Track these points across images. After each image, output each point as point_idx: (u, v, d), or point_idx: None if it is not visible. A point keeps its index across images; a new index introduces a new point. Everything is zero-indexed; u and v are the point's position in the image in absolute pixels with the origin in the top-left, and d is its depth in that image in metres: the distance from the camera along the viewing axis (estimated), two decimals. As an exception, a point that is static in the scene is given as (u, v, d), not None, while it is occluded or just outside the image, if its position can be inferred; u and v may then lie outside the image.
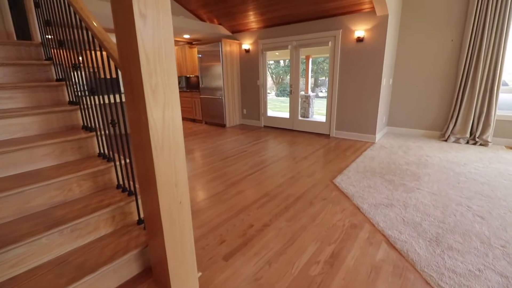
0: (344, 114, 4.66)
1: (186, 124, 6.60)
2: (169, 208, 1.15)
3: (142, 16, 0.92)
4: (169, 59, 1.03)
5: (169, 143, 1.08)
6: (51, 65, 2.09)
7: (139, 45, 0.92)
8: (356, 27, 4.23)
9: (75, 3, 1.50)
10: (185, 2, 5.19)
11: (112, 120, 1.49)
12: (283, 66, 19.23)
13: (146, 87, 0.97)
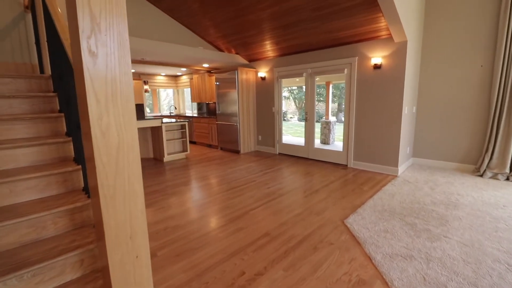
0: (363, 144, 4.35)
1: (202, 149, 6.63)
2: (121, 263, 1.00)
3: (91, 54, 0.84)
4: (126, 98, 0.94)
5: (123, 191, 0.96)
6: (55, 97, 2.16)
7: (86, 85, 0.85)
8: (372, 54, 4.05)
9: (64, 39, 1.53)
10: (205, 34, 5.43)
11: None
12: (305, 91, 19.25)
13: (95, 129, 0.88)
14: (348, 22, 3.77)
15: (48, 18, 1.99)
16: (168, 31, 5.15)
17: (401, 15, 3.28)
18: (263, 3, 3.86)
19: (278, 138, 5.77)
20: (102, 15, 0.86)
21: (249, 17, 4.32)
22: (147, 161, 5.41)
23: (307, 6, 3.65)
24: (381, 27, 3.73)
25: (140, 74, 7.92)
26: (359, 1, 3.31)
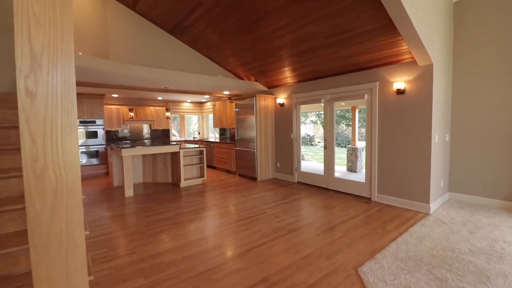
0: (388, 175, 3.93)
1: (220, 175, 6.58)
2: (53, 326, 0.87)
3: (29, 94, 0.80)
4: (68, 139, 0.87)
5: (59, 240, 0.86)
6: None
7: (21, 125, 0.79)
8: (394, 78, 3.78)
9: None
10: (225, 63, 5.61)
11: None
12: (334, 116, 18.77)
13: (27, 172, 0.81)
14: (366, 47, 3.60)
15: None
16: (190, 61, 5.41)
17: (424, 37, 3.03)
18: (277, 32, 3.88)
19: (297, 166, 5.51)
20: (45, 53, 0.82)
21: (265, 46, 4.37)
22: (165, 186, 5.47)
23: (321, 33, 3.58)
24: (402, 51, 3.49)
25: (167, 102, 8.36)
26: (374, 26, 3.16)
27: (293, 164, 5.57)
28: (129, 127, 7.81)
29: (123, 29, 4.58)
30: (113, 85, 5.13)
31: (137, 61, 4.76)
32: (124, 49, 4.62)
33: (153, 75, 4.52)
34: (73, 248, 0.90)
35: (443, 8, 3.56)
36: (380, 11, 2.93)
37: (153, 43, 4.94)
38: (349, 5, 2.97)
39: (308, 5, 3.16)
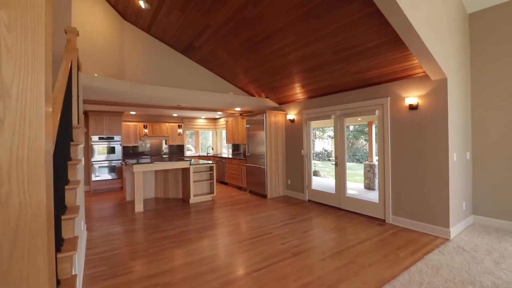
0: (403, 195, 3.68)
1: (231, 191, 6.53)
2: None
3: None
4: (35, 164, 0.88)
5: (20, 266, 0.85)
6: (68, 146, 2.34)
7: (-15, 152, 0.81)
8: (406, 93, 3.62)
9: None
10: (235, 80, 5.71)
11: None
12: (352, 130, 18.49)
13: (-11, 198, 0.81)
14: (374, 62, 3.51)
15: None
16: (202, 80, 5.57)
17: (435, 51, 2.90)
18: (283, 50, 3.91)
19: (307, 184, 5.35)
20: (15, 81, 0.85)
21: (273, 63, 4.40)
22: (175, 201, 5.50)
23: (327, 50, 3.55)
24: (413, 65, 3.36)
25: (182, 118, 8.60)
26: (381, 41, 3.08)
27: (304, 182, 5.41)
28: (145, 143, 8.08)
29: (138, 50, 4.84)
30: (128, 103, 5.37)
31: (151, 80, 4.98)
32: (139, 69, 4.86)
33: (166, 93, 4.69)
34: (35, 276, 0.89)
35: (456, 20, 3.42)
36: (385, 27, 2.87)
37: (166, 63, 5.16)
38: (352, 22, 2.94)
39: (312, 24, 3.16)
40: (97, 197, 6.07)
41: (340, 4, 2.76)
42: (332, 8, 2.85)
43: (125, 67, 4.69)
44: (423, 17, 2.68)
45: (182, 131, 8.56)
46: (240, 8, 3.32)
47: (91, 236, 3.56)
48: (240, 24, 3.64)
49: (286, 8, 3.06)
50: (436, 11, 2.94)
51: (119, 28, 4.58)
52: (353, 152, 18.79)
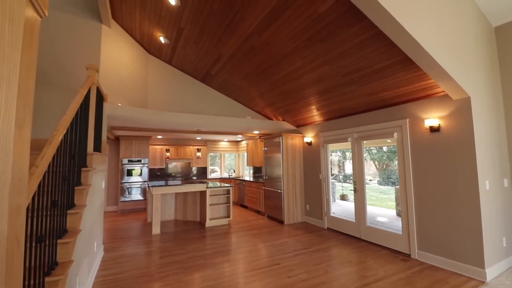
0: (429, 227, 3.28)
1: (248, 215, 6.41)
2: None
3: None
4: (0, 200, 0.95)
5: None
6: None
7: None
8: (426, 114, 3.35)
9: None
10: (252, 105, 5.83)
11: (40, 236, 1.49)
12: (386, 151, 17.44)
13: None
14: (387, 83, 3.34)
15: None
16: (220, 105, 5.78)
17: (451, 69, 2.68)
18: (293, 75, 3.93)
19: (326, 210, 5.05)
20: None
21: (285, 88, 4.43)
22: (192, 224, 5.54)
23: (336, 72, 3.49)
24: (430, 84, 3.13)
25: (206, 141, 8.90)
26: (390, 62, 2.94)
27: (323, 208, 5.12)
28: (171, 165, 8.44)
29: (161, 81, 5.23)
30: (152, 128, 5.73)
31: (173, 108, 5.30)
32: (162, 98, 5.22)
33: (184, 119, 4.92)
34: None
35: (480, 34, 3.16)
36: (392, 47, 2.75)
37: (187, 91, 5.48)
38: (356, 45, 2.87)
39: (317, 48, 3.16)
40: (123, 217, 6.37)
41: (342, 29, 2.74)
42: (334, 33, 2.83)
43: (148, 96, 5.08)
44: (434, 35, 2.52)
45: (206, 153, 8.81)
46: (247, 38, 3.46)
47: (106, 257, 3.69)
48: (249, 52, 3.78)
49: (290, 35, 3.11)
50: (451, 27, 2.76)
51: (144, 61, 5.03)
52: (387, 174, 17.55)
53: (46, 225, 1.69)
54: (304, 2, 2.57)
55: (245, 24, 3.19)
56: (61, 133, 1.81)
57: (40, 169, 1.47)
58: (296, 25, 2.90)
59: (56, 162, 1.90)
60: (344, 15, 2.56)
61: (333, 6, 2.49)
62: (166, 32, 4.03)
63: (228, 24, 3.31)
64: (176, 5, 3.26)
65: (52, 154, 1.64)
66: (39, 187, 1.49)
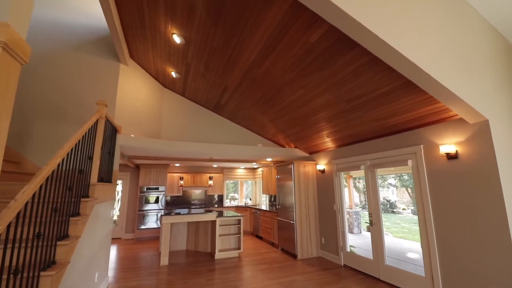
0: (455, 269, 2.83)
1: (261, 247, 6.11)
2: None
3: None
4: None
5: None
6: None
7: None
8: (441, 140, 3.07)
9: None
10: (263, 132, 5.83)
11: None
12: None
13: None
14: (394, 108, 3.16)
15: None
16: (232, 133, 5.87)
17: (462, 92, 2.46)
18: (296, 103, 3.90)
19: (342, 245, 4.64)
20: None
21: (290, 115, 4.40)
22: (203, 256, 5.39)
23: (339, 99, 3.40)
24: (443, 108, 2.89)
25: (223, 168, 8.96)
26: (393, 86, 2.80)
27: (338, 242, 4.72)
28: (188, 192, 8.53)
29: (175, 112, 5.49)
30: (166, 157, 5.91)
31: (186, 137, 5.48)
32: (176, 128, 5.44)
33: (195, 148, 5.03)
34: None
35: (496, 52, 2.92)
36: (392, 71, 2.63)
37: (200, 121, 5.67)
38: (353, 72, 2.80)
39: (315, 77, 3.13)
40: (138, 246, 6.41)
41: (336, 57, 2.70)
42: (329, 61, 2.80)
43: (162, 127, 5.33)
44: (438, 56, 2.32)
45: (222, 181, 8.82)
46: (248, 70, 3.55)
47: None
48: (252, 83, 3.86)
49: (287, 66, 3.14)
50: (460, 47, 2.55)
51: (160, 94, 5.36)
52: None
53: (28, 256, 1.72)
54: (295, 33, 2.61)
55: (244, 57, 3.30)
56: (51, 167, 1.91)
57: (19, 202, 1.53)
58: (291, 56, 2.93)
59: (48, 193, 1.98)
60: (335, 43, 2.54)
61: (324, 35, 2.49)
62: (176, 67, 4.31)
63: (229, 58, 3.44)
64: (181, 43, 3.50)
65: (35, 189, 1.71)
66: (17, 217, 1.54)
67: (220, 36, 3.08)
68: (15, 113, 3.70)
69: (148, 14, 3.14)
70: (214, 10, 2.71)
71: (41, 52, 4.01)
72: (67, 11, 4.33)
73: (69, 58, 4.13)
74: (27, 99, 3.80)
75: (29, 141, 3.74)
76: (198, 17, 2.90)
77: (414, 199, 16.71)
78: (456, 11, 2.59)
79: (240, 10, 2.57)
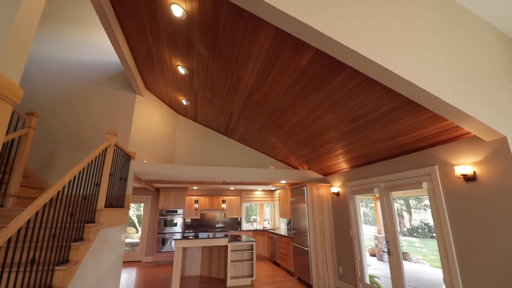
0: (487, 312, 2.42)
1: (277, 275, 5.81)
2: None
3: None
4: None
5: None
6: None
7: None
8: (456, 160, 2.79)
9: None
10: (274, 154, 5.78)
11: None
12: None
13: None
14: (401, 127, 2.97)
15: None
16: (243, 156, 5.90)
17: (473, 109, 2.23)
18: (301, 124, 3.85)
19: (360, 275, 4.25)
20: None
21: (297, 137, 4.33)
22: (215, 282, 5.25)
23: (341, 120, 3.29)
24: (454, 125, 2.66)
25: (240, 191, 8.93)
26: (393, 105, 2.66)
27: (356, 272, 4.34)
28: (206, 215, 8.56)
29: (189, 137, 5.70)
30: (179, 181, 6.07)
31: (199, 161, 5.62)
32: (189, 152, 5.62)
33: (207, 172, 5.10)
34: None
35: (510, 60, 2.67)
36: (390, 89, 2.52)
37: (212, 145, 5.81)
38: (349, 92, 2.72)
39: (312, 98, 3.10)
40: (155, 270, 6.46)
41: (329, 78, 2.66)
42: (323, 83, 2.76)
43: (176, 151, 5.53)
44: (441, 72, 2.17)
45: (240, 203, 8.76)
46: (249, 95, 3.63)
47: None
48: (255, 107, 3.91)
49: (284, 89, 3.15)
50: (468, 59, 2.36)
51: (174, 120, 5.64)
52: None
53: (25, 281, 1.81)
54: (286, 58, 2.64)
55: (243, 83, 3.39)
56: (50, 194, 2.05)
57: (9, 230, 1.65)
58: (287, 79, 2.95)
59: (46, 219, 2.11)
60: (326, 65, 2.51)
61: (313, 58, 2.49)
62: (185, 95, 4.54)
63: (230, 85, 3.56)
64: (186, 73, 3.71)
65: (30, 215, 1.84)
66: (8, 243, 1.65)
67: (218, 66, 3.22)
68: (42, 143, 4.11)
69: (154, 49, 3.41)
70: (209, 44, 2.86)
71: (64, 89, 4.49)
72: (86, 50, 4.85)
73: (89, 92, 4.56)
74: (51, 130, 4.22)
75: (53, 168, 4.10)
76: (196, 50, 3.08)
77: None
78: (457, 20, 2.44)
79: (231, 41, 2.69)
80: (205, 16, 2.50)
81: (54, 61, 4.60)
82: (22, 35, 1.56)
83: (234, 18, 2.40)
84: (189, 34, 2.84)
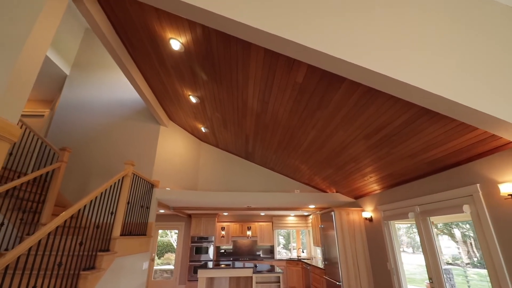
0: None
1: (310, 312, 5.22)
2: None
3: None
4: None
5: None
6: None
7: None
8: (502, 176, 2.26)
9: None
10: (299, 176, 5.50)
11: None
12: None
13: None
14: (424, 140, 2.57)
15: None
16: (266, 180, 5.74)
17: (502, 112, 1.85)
18: (315, 144, 3.62)
19: (403, 318, 3.56)
20: None
21: (316, 159, 4.07)
22: (241, 318, 4.92)
23: (355, 136, 3.00)
24: (487, 134, 2.21)
25: (272, 216, 8.59)
26: (408, 116, 2.33)
27: (397, 314, 3.66)
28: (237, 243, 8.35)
29: (211, 162, 5.80)
30: (204, 207, 6.09)
31: (222, 187, 5.63)
32: (212, 178, 5.68)
33: (231, 198, 5.02)
34: None
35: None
36: (399, 99, 2.22)
37: (235, 169, 5.80)
38: (355, 105, 2.49)
39: (318, 116, 2.91)
40: (184, 300, 6.35)
41: (330, 92, 2.48)
42: (326, 97, 2.58)
43: (199, 178, 5.64)
44: (463, 73, 1.83)
45: (271, 230, 8.39)
46: (257, 117, 3.58)
47: None
48: (265, 129, 3.83)
49: (288, 108, 3.04)
50: (489, 54, 1.97)
51: (197, 148, 5.82)
52: None
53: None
54: (282, 77, 2.56)
55: (248, 107, 3.37)
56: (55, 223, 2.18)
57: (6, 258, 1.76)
58: (288, 98, 2.84)
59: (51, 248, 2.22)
60: (323, 78, 2.36)
61: (308, 73, 2.36)
62: (202, 123, 4.69)
63: (237, 109, 3.57)
64: (198, 102, 3.85)
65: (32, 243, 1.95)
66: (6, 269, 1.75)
67: (223, 91, 3.28)
68: (77, 174, 4.55)
69: (166, 82, 3.64)
70: (209, 72, 2.95)
71: (96, 124, 5.01)
72: (116, 90, 5.38)
73: (118, 126, 5.01)
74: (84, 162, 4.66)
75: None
76: (201, 79, 3.19)
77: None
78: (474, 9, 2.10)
79: (227, 66, 2.73)
80: (199, 46, 2.60)
81: (88, 101, 5.22)
82: (24, 77, 1.76)
83: (225, 44, 2.44)
84: (191, 64, 2.97)
